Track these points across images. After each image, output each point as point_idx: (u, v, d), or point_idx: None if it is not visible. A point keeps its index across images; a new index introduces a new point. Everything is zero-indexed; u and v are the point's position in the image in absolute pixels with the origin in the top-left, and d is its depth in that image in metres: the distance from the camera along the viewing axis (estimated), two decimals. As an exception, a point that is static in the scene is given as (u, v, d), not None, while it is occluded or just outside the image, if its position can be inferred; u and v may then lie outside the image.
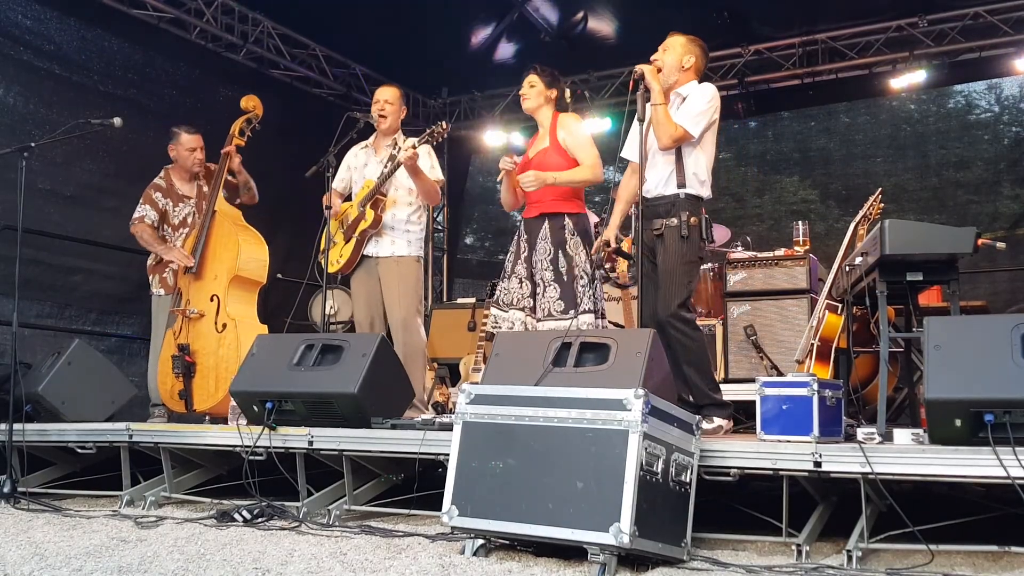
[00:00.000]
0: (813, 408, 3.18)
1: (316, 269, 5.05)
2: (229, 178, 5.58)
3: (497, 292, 4.55)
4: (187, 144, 5.63)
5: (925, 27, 7.62)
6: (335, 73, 8.52)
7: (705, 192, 4.11)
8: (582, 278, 4.31)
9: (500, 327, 4.39)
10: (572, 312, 4.24)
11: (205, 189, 5.64)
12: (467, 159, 10.09)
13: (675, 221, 4.01)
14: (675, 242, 4.02)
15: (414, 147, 4.78)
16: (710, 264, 5.78)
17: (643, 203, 4.06)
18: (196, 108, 7.35)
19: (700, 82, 4.20)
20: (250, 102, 5.62)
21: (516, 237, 4.58)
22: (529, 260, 4.44)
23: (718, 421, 3.90)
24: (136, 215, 5.57)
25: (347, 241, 5.08)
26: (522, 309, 4.40)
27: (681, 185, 4.05)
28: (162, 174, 5.69)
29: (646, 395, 2.79)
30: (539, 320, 4.34)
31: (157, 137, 7.00)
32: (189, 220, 5.58)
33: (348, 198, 5.23)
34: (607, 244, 4.31)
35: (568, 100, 4.67)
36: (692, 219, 4.01)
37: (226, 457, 4.24)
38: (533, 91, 4.55)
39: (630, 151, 4.23)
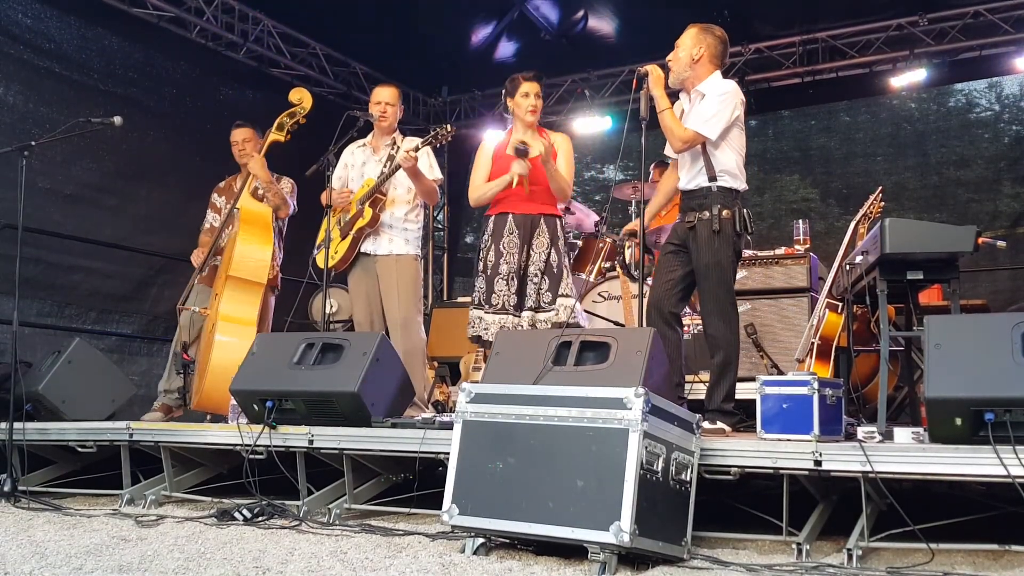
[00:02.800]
0: (813, 407, 3.18)
1: (313, 267, 5.04)
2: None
3: (479, 293, 4.55)
4: (231, 139, 5.60)
5: (925, 26, 7.63)
6: (335, 72, 8.52)
7: (739, 184, 4.04)
8: (563, 271, 4.51)
9: (488, 331, 4.43)
10: (556, 301, 4.44)
11: (260, 191, 5.47)
12: (467, 158, 10.05)
13: (707, 214, 3.97)
14: (707, 237, 3.96)
15: (416, 149, 4.78)
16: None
17: (680, 196, 4.17)
18: (196, 107, 7.36)
19: (723, 71, 4.14)
20: (296, 94, 5.43)
21: (498, 234, 4.53)
22: (520, 255, 4.47)
23: (721, 424, 3.89)
24: None
25: (343, 237, 5.08)
26: (507, 312, 4.45)
27: (712, 178, 4.00)
28: (229, 177, 5.71)
29: (646, 394, 2.79)
30: (531, 310, 4.43)
31: (157, 136, 7.04)
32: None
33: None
34: (632, 234, 4.38)
35: None
36: (725, 212, 3.95)
37: (226, 456, 4.24)
38: (540, 103, 4.58)
39: (671, 149, 4.27)
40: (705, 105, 4.02)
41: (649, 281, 4.32)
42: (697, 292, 4.08)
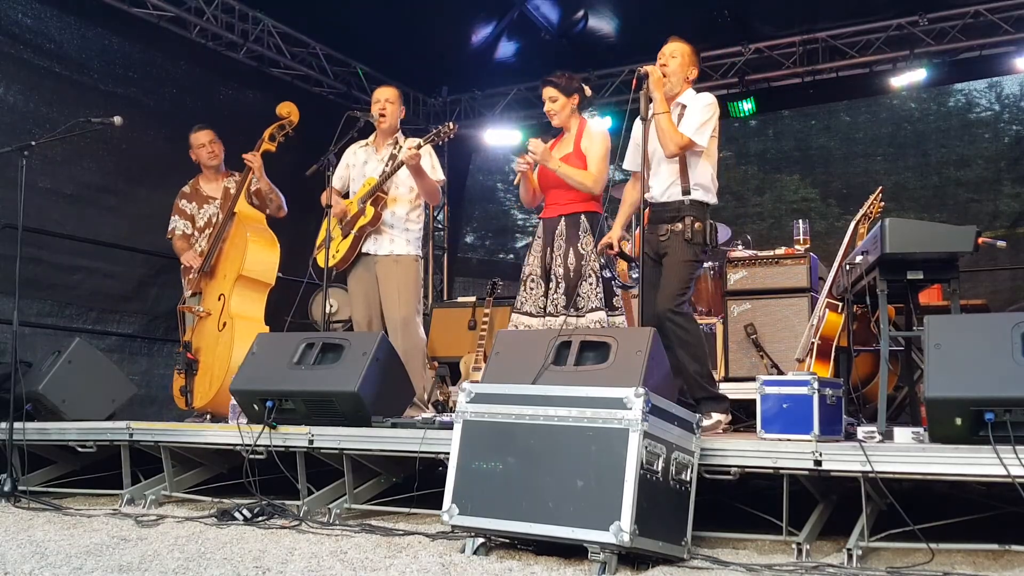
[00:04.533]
0: (813, 407, 3.18)
1: (313, 267, 5.06)
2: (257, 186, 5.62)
3: (518, 297, 4.52)
4: (196, 142, 5.74)
5: (926, 26, 7.62)
6: (335, 72, 8.52)
7: (711, 198, 4.16)
8: (590, 276, 4.31)
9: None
10: (573, 311, 4.27)
11: (232, 191, 5.66)
12: (467, 158, 10.08)
13: (680, 227, 4.09)
14: (679, 244, 4.09)
15: (418, 147, 4.79)
16: (710, 263, 5.78)
17: (650, 208, 4.17)
18: (196, 107, 7.34)
19: (696, 89, 4.30)
20: (285, 108, 5.63)
21: (534, 239, 4.59)
22: (543, 258, 4.45)
23: (716, 416, 3.93)
24: (169, 228, 5.74)
25: (344, 237, 5.08)
26: (534, 315, 4.40)
27: (686, 192, 4.11)
28: (191, 181, 5.82)
29: (646, 394, 2.79)
30: (551, 315, 4.35)
31: (157, 136, 7.03)
32: (214, 220, 5.64)
33: (345, 196, 5.24)
34: (609, 247, 4.37)
35: (588, 95, 4.62)
36: (697, 224, 4.08)
37: (226, 456, 4.24)
38: (556, 105, 4.47)
39: (631, 162, 4.37)
40: (691, 116, 4.12)
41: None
42: (658, 291, 4.09)
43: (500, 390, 3.04)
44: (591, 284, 4.30)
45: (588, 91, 4.61)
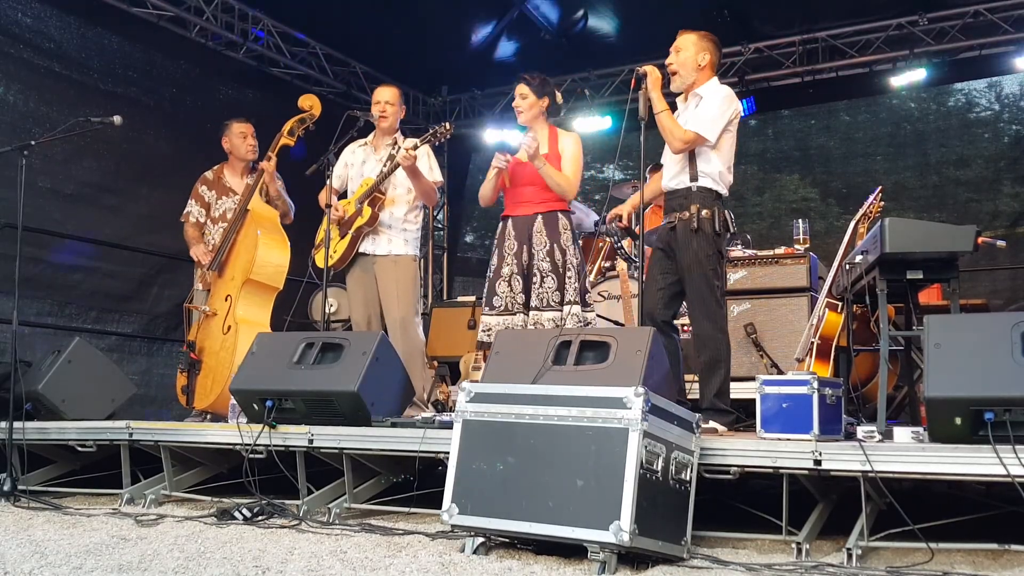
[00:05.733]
0: (813, 406, 3.18)
1: (312, 267, 5.05)
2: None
3: (487, 297, 4.54)
4: (238, 130, 5.59)
5: (925, 25, 7.63)
6: (335, 71, 8.52)
7: (720, 187, 4.07)
8: (570, 270, 4.40)
9: (489, 332, 4.40)
10: (565, 304, 4.34)
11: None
12: (467, 157, 10.09)
13: (687, 214, 4.02)
14: (687, 236, 4.01)
15: (415, 147, 4.79)
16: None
17: (664, 198, 4.17)
18: (196, 106, 7.36)
19: (719, 78, 4.21)
20: (307, 101, 5.49)
21: (500, 238, 4.57)
22: (520, 255, 4.45)
23: (715, 424, 3.89)
24: (184, 211, 5.62)
25: (342, 237, 5.07)
26: (513, 313, 4.41)
27: (694, 179, 4.04)
28: (215, 167, 5.68)
29: (646, 393, 2.79)
30: (536, 309, 4.37)
31: (157, 135, 7.04)
32: (229, 215, 5.51)
33: (343, 195, 5.23)
34: (619, 217, 4.41)
35: (559, 103, 4.69)
36: (704, 212, 3.99)
37: (226, 455, 4.24)
38: (525, 103, 4.55)
39: (667, 151, 4.27)
40: (705, 107, 4.07)
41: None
42: (687, 294, 4.09)
43: (500, 389, 3.04)
44: (570, 279, 4.39)
45: (560, 98, 4.67)
